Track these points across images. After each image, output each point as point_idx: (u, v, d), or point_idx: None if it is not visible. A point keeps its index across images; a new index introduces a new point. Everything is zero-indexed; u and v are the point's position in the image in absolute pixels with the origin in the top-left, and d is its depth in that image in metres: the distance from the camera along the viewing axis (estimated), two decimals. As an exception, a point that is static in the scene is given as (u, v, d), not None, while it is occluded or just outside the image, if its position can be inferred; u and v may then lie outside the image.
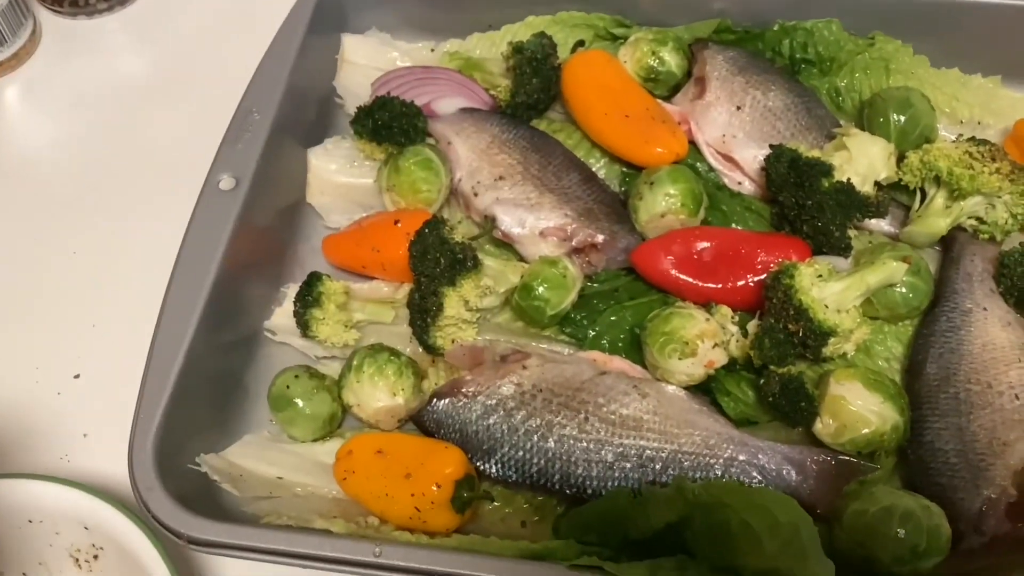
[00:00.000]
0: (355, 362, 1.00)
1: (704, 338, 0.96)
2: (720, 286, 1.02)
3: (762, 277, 1.01)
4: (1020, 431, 0.91)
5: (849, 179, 1.02)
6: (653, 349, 0.97)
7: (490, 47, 1.25)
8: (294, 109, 1.15)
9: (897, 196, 1.10)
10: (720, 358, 0.97)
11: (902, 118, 1.11)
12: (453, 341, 1.02)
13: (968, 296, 1.01)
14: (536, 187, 1.10)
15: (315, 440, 1.01)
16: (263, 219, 1.09)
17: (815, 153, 1.05)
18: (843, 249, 1.03)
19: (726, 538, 0.84)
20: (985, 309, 1.00)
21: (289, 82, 1.13)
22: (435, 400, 0.99)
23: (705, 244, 1.04)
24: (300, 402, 0.99)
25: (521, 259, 1.09)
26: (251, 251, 1.07)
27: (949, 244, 1.07)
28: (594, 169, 1.15)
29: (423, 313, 1.01)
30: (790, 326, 0.95)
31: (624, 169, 1.15)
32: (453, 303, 1.00)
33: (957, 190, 1.03)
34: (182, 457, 0.95)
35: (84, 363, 1.09)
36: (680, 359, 0.96)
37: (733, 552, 0.84)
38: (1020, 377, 0.95)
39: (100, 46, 1.36)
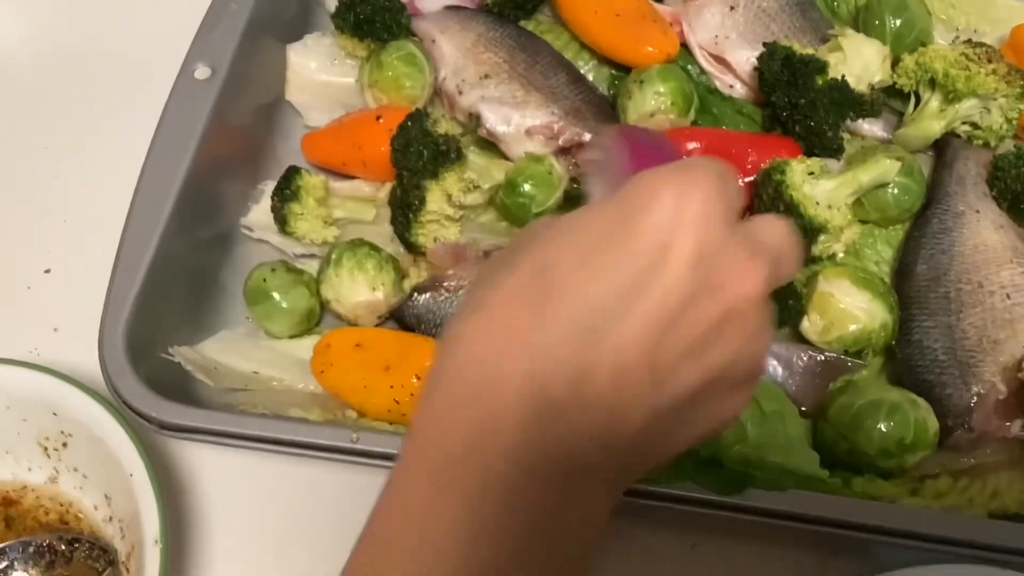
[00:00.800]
0: (334, 256, 0.98)
1: None
2: (709, 187, 1.00)
3: (752, 178, 0.99)
4: (1010, 330, 0.90)
5: (844, 76, 1.00)
6: None
7: (477, -55, 1.21)
8: (273, 3, 1.11)
9: (890, 102, 1.08)
10: None
11: (898, 21, 1.08)
12: (435, 239, 1.00)
13: (961, 199, 1.00)
14: (523, 86, 1.07)
15: (292, 337, 0.99)
16: (240, 114, 1.06)
17: (810, 51, 1.02)
18: (835, 150, 1.00)
19: (711, 428, 0.83)
20: (978, 212, 0.99)
21: (268, -27, 1.09)
22: (416, 294, 0.96)
23: (695, 144, 1.02)
24: (277, 295, 0.96)
25: (506, 160, 1.07)
26: (227, 146, 1.04)
27: (942, 148, 1.05)
28: (582, 71, 1.12)
29: (405, 208, 0.99)
30: None
31: (613, 72, 1.12)
32: (436, 197, 0.97)
33: (952, 92, 1.01)
34: (155, 348, 0.92)
35: (54, 258, 1.06)
36: None
37: (718, 441, 0.82)
38: (1011, 277, 0.93)
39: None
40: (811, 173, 0.93)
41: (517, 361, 0.48)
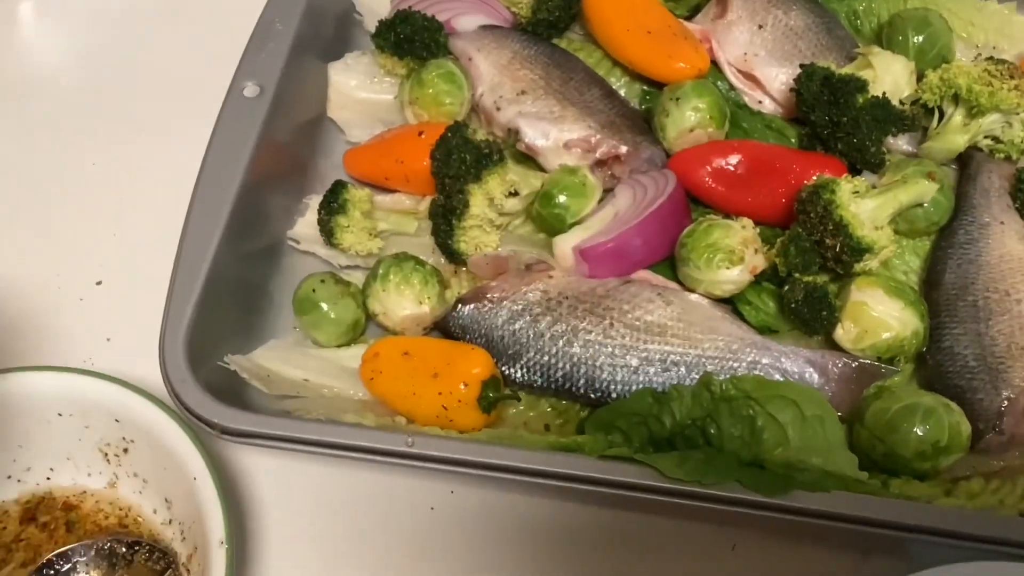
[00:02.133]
0: (380, 271, 1.01)
1: (748, 244, 0.97)
2: (752, 199, 1.04)
3: (795, 193, 1.01)
4: (1037, 337, 0.93)
5: (884, 93, 1.03)
6: (698, 262, 0.97)
7: (512, -35, 1.25)
8: (314, 23, 1.14)
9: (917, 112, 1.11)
10: (761, 263, 0.98)
11: (920, 37, 1.12)
12: (476, 247, 1.03)
13: (986, 210, 1.03)
14: (559, 101, 1.10)
15: (338, 346, 1.02)
16: (286, 130, 1.09)
17: (847, 70, 1.06)
18: (878, 165, 1.04)
19: (752, 431, 0.86)
20: (1002, 223, 1.02)
21: (309, -4, 1.13)
22: (460, 306, 0.99)
23: (740, 157, 1.05)
24: (325, 306, 0.99)
25: (543, 171, 1.10)
26: (274, 161, 1.07)
27: (966, 162, 1.08)
28: (615, 87, 1.16)
29: (448, 215, 1.02)
30: (827, 240, 0.95)
31: (644, 87, 1.15)
32: (479, 200, 1.01)
33: (975, 107, 1.04)
34: (211, 356, 0.95)
35: (106, 270, 1.09)
36: (728, 268, 0.97)
37: (759, 445, 0.86)
38: (1037, 286, 0.96)
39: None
40: (856, 192, 0.96)
41: None
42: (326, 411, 0.93)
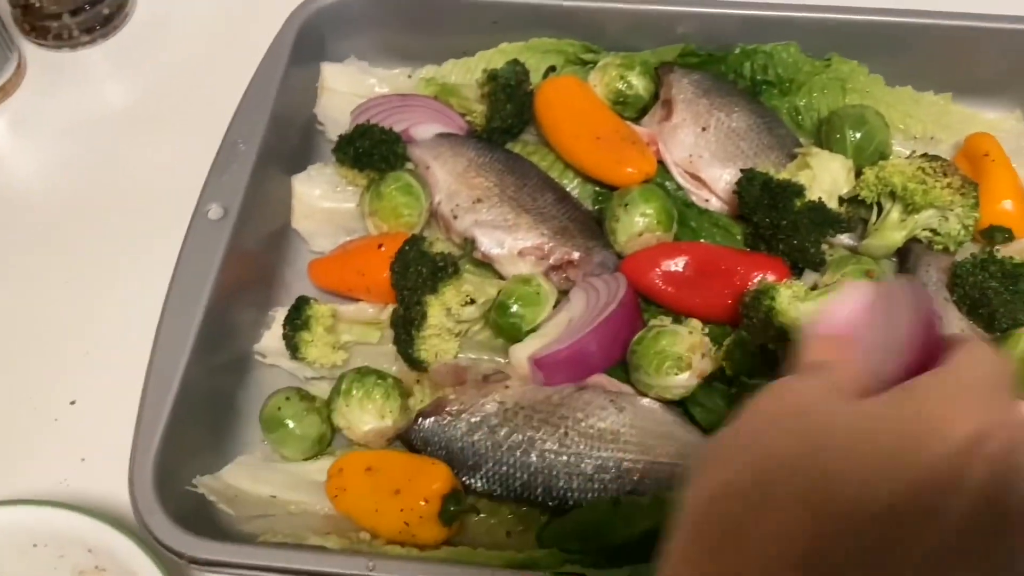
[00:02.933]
0: (343, 386, 1.04)
1: (695, 350, 1.01)
2: (700, 299, 1.08)
3: (741, 293, 1.05)
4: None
5: (820, 198, 1.08)
6: (648, 369, 1.01)
7: (465, 73, 1.29)
8: (278, 137, 1.18)
9: (855, 210, 1.15)
10: (709, 367, 1.02)
11: (857, 135, 1.17)
12: (437, 355, 1.07)
13: (924, 306, 1.07)
14: (513, 208, 1.15)
15: (306, 459, 1.05)
16: (251, 245, 1.13)
17: (785, 175, 1.10)
18: (818, 264, 1.08)
19: (700, 543, 0.89)
20: (940, 318, 1.06)
21: (273, 112, 1.17)
22: (421, 419, 1.03)
23: (687, 259, 1.09)
24: (291, 423, 1.03)
25: (501, 279, 1.14)
26: (240, 277, 1.11)
27: (905, 255, 1.12)
28: (568, 189, 1.20)
29: (407, 325, 1.06)
30: (771, 346, 0.99)
31: (597, 188, 1.20)
32: (436, 311, 1.05)
33: (911, 204, 1.08)
34: (180, 479, 0.98)
35: (79, 390, 1.13)
36: (677, 374, 1.01)
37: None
38: (973, 382, 1.00)
39: (85, 78, 1.39)
40: (796, 297, 0.99)
41: None
42: (292, 531, 0.97)
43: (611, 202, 1.14)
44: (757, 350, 1.00)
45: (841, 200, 1.12)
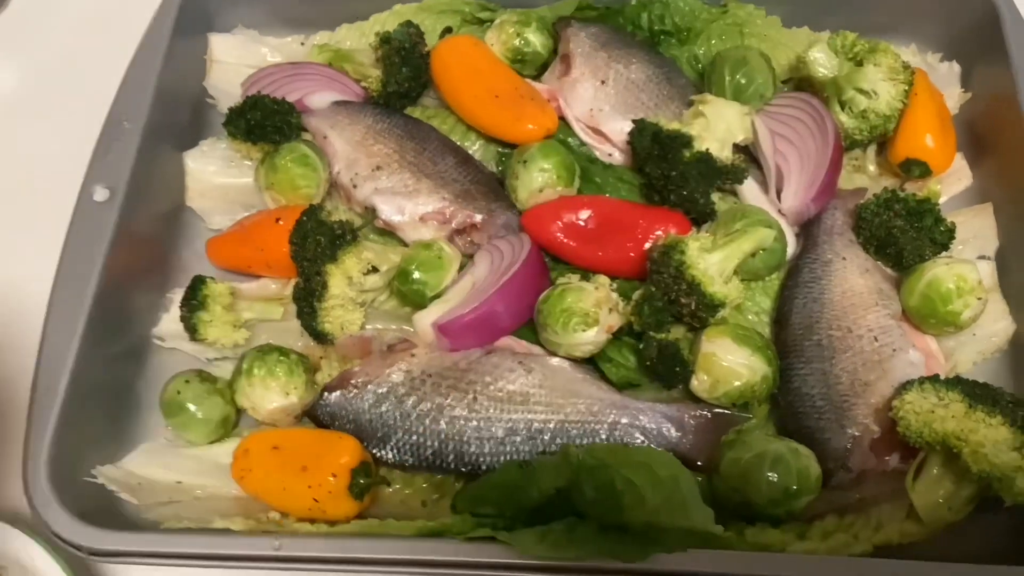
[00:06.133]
0: (244, 366, 1.01)
1: (601, 305, 1.00)
2: (603, 253, 1.06)
3: (644, 247, 1.04)
4: (879, 371, 0.97)
5: (708, 149, 1.07)
6: (555, 327, 0.99)
7: (360, 37, 1.26)
8: (165, 113, 1.14)
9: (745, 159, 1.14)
10: (616, 321, 1.01)
11: (738, 75, 1.16)
12: (342, 327, 1.04)
13: (828, 247, 1.07)
14: (413, 174, 1.12)
15: (211, 442, 1.02)
16: (143, 227, 1.09)
17: (675, 125, 1.09)
18: (708, 214, 1.07)
19: (611, 497, 0.89)
20: (844, 259, 1.06)
21: (158, 87, 1.13)
22: (326, 393, 1.01)
23: (590, 212, 1.08)
24: (192, 407, 1.00)
25: (406, 246, 1.12)
26: (133, 260, 1.07)
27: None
28: (470, 151, 1.18)
29: (309, 297, 1.03)
30: (682, 299, 0.98)
31: (500, 149, 1.18)
32: (337, 280, 1.02)
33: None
34: (78, 471, 0.95)
35: (-30, 387, 1.08)
36: (585, 330, 0.99)
37: (619, 509, 0.88)
38: (877, 320, 1.01)
39: (-37, 61, 1.33)
40: (704, 249, 0.99)
41: None
42: (198, 515, 0.94)
43: (511, 160, 1.12)
44: (665, 303, 0.99)
45: (736, 148, 1.12)
